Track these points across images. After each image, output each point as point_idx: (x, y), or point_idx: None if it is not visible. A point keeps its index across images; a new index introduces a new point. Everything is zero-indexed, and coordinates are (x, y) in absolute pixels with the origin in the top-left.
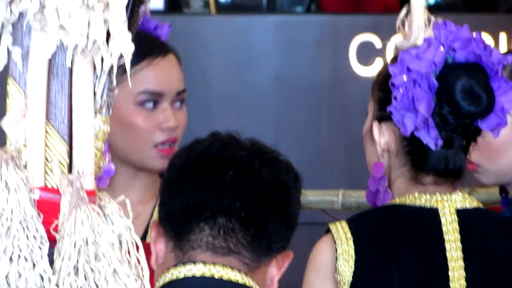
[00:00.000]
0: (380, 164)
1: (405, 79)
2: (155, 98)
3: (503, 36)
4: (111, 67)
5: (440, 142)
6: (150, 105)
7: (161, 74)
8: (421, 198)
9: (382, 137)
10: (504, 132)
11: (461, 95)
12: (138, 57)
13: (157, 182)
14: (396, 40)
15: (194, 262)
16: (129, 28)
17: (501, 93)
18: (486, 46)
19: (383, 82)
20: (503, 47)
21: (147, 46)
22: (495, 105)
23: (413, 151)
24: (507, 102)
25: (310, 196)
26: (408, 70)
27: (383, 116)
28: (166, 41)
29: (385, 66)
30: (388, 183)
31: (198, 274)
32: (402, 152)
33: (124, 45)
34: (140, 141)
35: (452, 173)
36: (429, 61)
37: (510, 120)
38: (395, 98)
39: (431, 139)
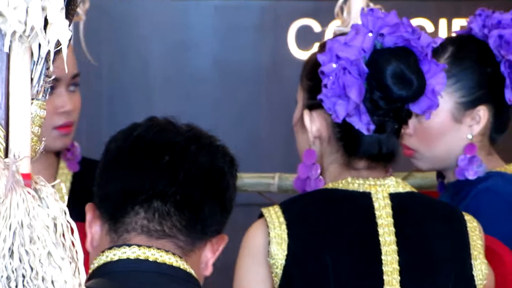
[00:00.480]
0: (311, 151)
1: (334, 67)
2: (51, 83)
3: (443, 22)
4: (48, 53)
5: (372, 127)
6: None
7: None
8: (354, 183)
9: (313, 124)
10: (441, 118)
11: (391, 80)
12: None
13: (54, 162)
14: (334, 25)
15: (129, 245)
16: (67, 16)
17: (431, 76)
18: (414, 30)
19: (311, 70)
20: (443, 34)
21: None
22: (426, 88)
23: (345, 136)
24: (437, 84)
25: (246, 179)
26: (338, 57)
27: (314, 104)
28: None
29: (313, 55)
30: (321, 171)
31: (132, 256)
32: (334, 138)
33: (61, 32)
34: None
35: (385, 156)
36: (358, 48)
37: (447, 106)
38: (325, 86)
39: (363, 124)
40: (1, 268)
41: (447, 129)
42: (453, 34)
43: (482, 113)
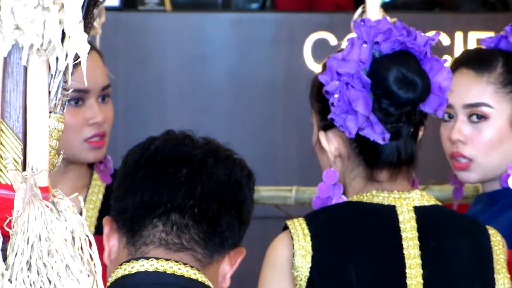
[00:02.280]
0: (332, 171)
1: (337, 84)
2: (80, 95)
3: (459, 35)
4: (66, 67)
5: (387, 136)
6: (76, 103)
7: (87, 70)
8: (379, 196)
9: (331, 144)
10: (500, 125)
11: (395, 85)
12: None
13: (87, 173)
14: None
15: (147, 258)
16: (85, 29)
17: (435, 73)
18: (409, 32)
19: (318, 92)
20: (459, 46)
21: None
22: (432, 86)
23: (363, 150)
24: (443, 80)
25: (263, 192)
26: (338, 74)
27: (327, 125)
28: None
29: (316, 77)
30: (344, 189)
31: (150, 269)
32: (353, 154)
33: (79, 45)
34: (69, 137)
35: (405, 162)
36: (356, 60)
37: (506, 112)
38: (333, 105)
39: (377, 134)
40: (19, 281)
41: (505, 137)
42: (480, 46)
43: None
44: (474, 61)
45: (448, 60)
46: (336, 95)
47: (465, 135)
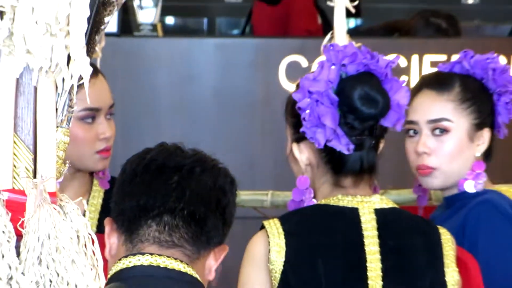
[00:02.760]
0: (304, 178)
1: (308, 101)
2: (93, 113)
3: (415, 58)
4: (71, 87)
5: (352, 147)
6: (89, 120)
7: (97, 92)
8: (344, 200)
9: (302, 155)
10: (460, 137)
11: (359, 102)
12: None
13: (89, 180)
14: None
15: (143, 254)
16: (87, 53)
17: (395, 92)
18: (372, 55)
19: (292, 108)
20: (415, 68)
21: None
22: (392, 103)
23: (331, 159)
24: (402, 98)
25: (243, 196)
26: (310, 92)
27: (299, 137)
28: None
29: (290, 95)
30: (314, 193)
31: (146, 263)
32: (322, 163)
33: (83, 67)
34: (82, 149)
35: (367, 170)
36: (325, 80)
37: (465, 126)
38: (304, 119)
39: (343, 145)
40: (31, 274)
41: (465, 147)
42: (435, 68)
43: (486, 135)
44: (435, 82)
45: (405, 81)
46: (307, 111)
47: (430, 147)
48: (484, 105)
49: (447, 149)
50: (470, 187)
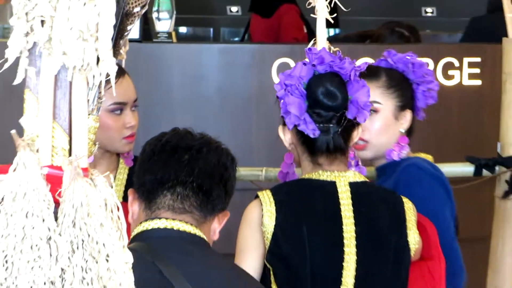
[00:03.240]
0: (289, 154)
1: (284, 92)
2: (121, 106)
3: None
4: (100, 82)
5: (318, 132)
6: (118, 112)
7: (124, 89)
8: (323, 175)
9: (286, 135)
10: (387, 115)
11: (322, 96)
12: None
13: (116, 159)
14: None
15: (159, 218)
16: (113, 55)
17: (356, 91)
18: (341, 59)
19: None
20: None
21: None
22: (353, 100)
23: (304, 141)
24: (361, 96)
25: (242, 171)
26: (285, 85)
27: (283, 121)
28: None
29: None
30: (299, 166)
31: (162, 226)
32: (299, 143)
33: (110, 66)
34: (112, 135)
35: (335, 151)
36: (297, 76)
37: (390, 107)
38: (281, 107)
39: (310, 130)
40: (67, 235)
41: (390, 124)
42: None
43: (408, 115)
44: (367, 73)
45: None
46: (282, 100)
47: (364, 124)
48: (406, 91)
49: (376, 126)
50: (395, 155)
